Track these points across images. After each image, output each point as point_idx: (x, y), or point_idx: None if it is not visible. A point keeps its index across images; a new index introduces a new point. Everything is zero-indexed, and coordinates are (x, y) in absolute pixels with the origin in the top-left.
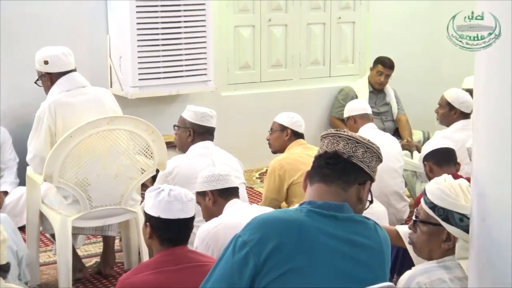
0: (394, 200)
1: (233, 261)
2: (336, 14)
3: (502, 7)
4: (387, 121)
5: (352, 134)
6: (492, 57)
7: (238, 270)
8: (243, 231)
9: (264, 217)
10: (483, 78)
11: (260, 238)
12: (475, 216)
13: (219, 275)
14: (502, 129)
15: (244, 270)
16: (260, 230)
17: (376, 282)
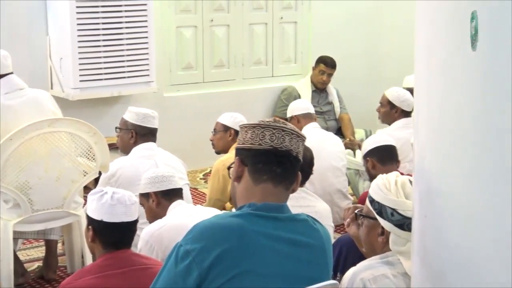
0: (338, 198)
1: (176, 271)
2: (278, 14)
3: (441, 7)
4: (329, 120)
5: (292, 127)
6: (432, 56)
7: (182, 280)
8: (184, 240)
9: (205, 225)
10: (423, 76)
11: (202, 247)
12: (417, 212)
13: (162, 285)
14: (442, 127)
15: (188, 280)
16: (202, 238)
17: (321, 280)
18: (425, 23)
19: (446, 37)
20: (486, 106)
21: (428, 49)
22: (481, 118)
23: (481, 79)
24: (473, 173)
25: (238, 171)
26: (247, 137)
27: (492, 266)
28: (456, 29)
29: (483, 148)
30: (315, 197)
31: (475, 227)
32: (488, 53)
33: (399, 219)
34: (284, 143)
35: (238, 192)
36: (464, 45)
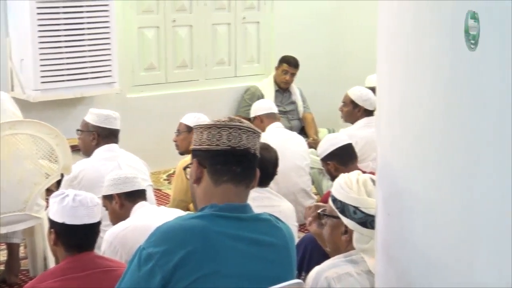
0: (302, 198)
1: (139, 275)
2: (241, 14)
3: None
4: (293, 120)
5: (248, 124)
6: (394, 55)
7: (145, 283)
8: (147, 243)
9: (167, 227)
10: (385, 75)
11: (165, 250)
12: (380, 211)
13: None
14: (405, 125)
15: (151, 283)
16: (164, 241)
17: (285, 279)
18: (387, 22)
19: (408, 37)
20: (448, 104)
21: (390, 49)
22: (444, 117)
23: (443, 78)
24: (436, 171)
25: (197, 173)
26: (203, 138)
27: (455, 263)
28: (418, 28)
29: (446, 146)
30: (279, 196)
31: (438, 225)
32: (450, 51)
33: (361, 217)
34: (241, 141)
35: (198, 194)
36: (425, 43)
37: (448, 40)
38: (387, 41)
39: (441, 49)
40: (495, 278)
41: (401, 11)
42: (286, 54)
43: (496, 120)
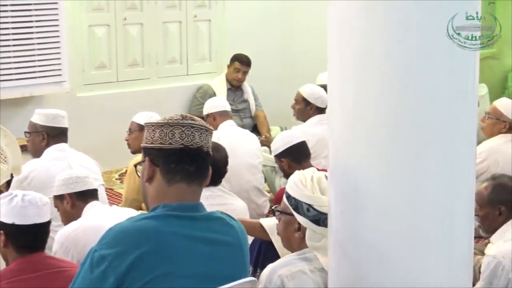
0: (255, 195)
1: (92, 277)
2: (192, 13)
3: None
4: (245, 118)
5: (200, 122)
6: (344, 53)
7: (98, 285)
8: (99, 245)
9: (119, 229)
10: (336, 74)
11: (117, 252)
12: (333, 209)
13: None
14: (356, 124)
15: (104, 285)
16: (117, 243)
17: (239, 277)
18: (337, 21)
19: (358, 35)
20: (399, 103)
21: (341, 47)
22: (394, 116)
23: (394, 76)
24: (387, 170)
25: (149, 172)
26: (155, 136)
27: (406, 259)
28: (369, 27)
29: (397, 145)
30: (232, 195)
31: (389, 222)
32: (400, 50)
33: (314, 214)
34: (194, 140)
35: (151, 193)
36: (376, 42)
37: (399, 39)
38: (337, 40)
39: (392, 47)
40: (443, 272)
41: (351, 10)
42: (238, 52)
43: (445, 120)
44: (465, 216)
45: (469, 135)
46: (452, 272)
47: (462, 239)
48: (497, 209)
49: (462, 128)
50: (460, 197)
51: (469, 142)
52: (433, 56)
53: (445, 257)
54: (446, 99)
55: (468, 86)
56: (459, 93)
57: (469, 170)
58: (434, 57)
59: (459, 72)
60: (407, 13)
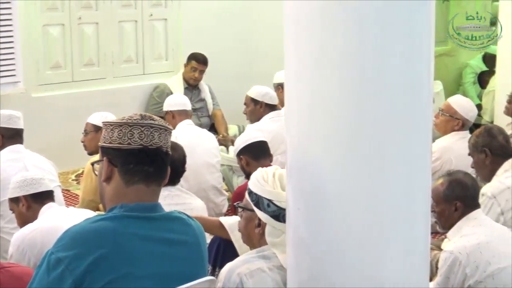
0: (213, 194)
1: (49, 280)
2: (148, 11)
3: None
4: (203, 117)
5: (159, 122)
6: (301, 51)
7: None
8: (55, 247)
9: (76, 231)
10: (293, 72)
11: (75, 254)
12: (291, 205)
13: None
14: (314, 121)
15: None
16: (74, 245)
17: (198, 276)
18: (293, 19)
19: (315, 34)
20: (357, 100)
21: (297, 45)
22: (351, 113)
23: (352, 74)
24: (345, 167)
25: (107, 172)
26: (114, 135)
27: (365, 255)
28: (323, 24)
29: (354, 142)
30: (190, 194)
31: (348, 219)
32: (357, 47)
33: (274, 210)
34: (153, 140)
35: (108, 193)
36: (332, 40)
37: (355, 37)
38: (294, 38)
39: (348, 45)
40: (401, 268)
41: (307, 8)
42: (195, 51)
43: (401, 117)
44: (422, 213)
45: (425, 132)
46: (410, 268)
47: (419, 235)
48: (453, 205)
49: (418, 125)
50: (417, 193)
51: (425, 139)
52: (389, 53)
53: (403, 253)
54: (402, 96)
55: (424, 83)
56: (414, 90)
57: (425, 167)
58: (389, 54)
59: (415, 69)
60: (363, 11)
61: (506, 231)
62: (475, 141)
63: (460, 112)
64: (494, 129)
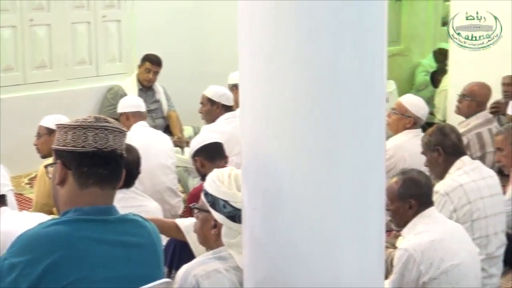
0: (168, 196)
1: (3, 286)
2: (101, 13)
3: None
4: (157, 119)
5: (114, 124)
6: (255, 52)
7: None
8: (9, 253)
9: (30, 236)
10: (247, 73)
11: (28, 260)
12: (246, 205)
13: None
14: (269, 122)
15: None
16: (27, 251)
17: (154, 278)
18: (247, 19)
19: (269, 35)
20: (311, 101)
21: (251, 45)
22: (305, 114)
23: (306, 75)
24: (300, 167)
25: (61, 175)
26: (67, 138)
27: (320, 254)
28: (277, 25)
29: (309, 143)
30: (145, 196)
31: (303, 219)
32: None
33: (230, 210)
34: (108, 143)
35: (62, 196)
36: (286, 40)
37: (309, 37)
38: (248, 38)
39: (302, 46)
40: (356, 267)
41: (261, 9)
42: (149, 52)
43: (355, 116)
44: (376, 211)
45: (379, 131)
46: (365, 266)
47: (374, 233)
48: (407, 203)
49: (372, 124)
50: (371, 192)
51: (378, 138)
52: (342, 53)
53: (358, 252)
54: (356, 95)
55: (376, 83)
56: (368, 89)
57: (379, 165)
58: (342, 54)
59: (368, 69)
60: (316, 11)
61: (459, 228)
62: (428, 140)
63: (412, 110)
64: (446, 128)
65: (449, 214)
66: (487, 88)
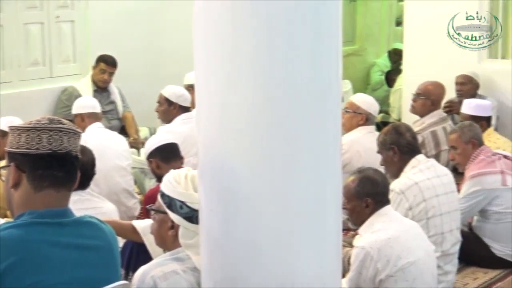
0: (124, 198)
1: None
2: (54, 13)
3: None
4: (113, 120)
5: (68, 125)
6: (210, 52)
7: None
8: None
9: None
10: (203, 73)
11: None
12: (203, 206)
13: None
14: (225, 122)
15: None
16: None
17: (111, 281)
18: (203, 20)
19: (224, 35)
20: (267, 102)
21: (207, 46)
22: (262, 113)
23: (262, 75)
24: (257, 167)
25: (15, 178)
26: (21, 140)
27: (277, 256)
28: (233, 25)
29: (266, 142)
30: (101, 198)
31: (260, 219)
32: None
33: (187, 211)
34: (63, 144)
35: (16, 200)
36: (242, 41)
37: (265, 37)
38: (203, 39)
39: (258, 46)
40: (314, 266)
41: (216, 9)
42: (103, 53)
43: (311, 116)
44: (333, 210)
45: (335, 131)
46: (322, 265)
47: (331, 232)
48: (364, 201)
49: (328, 124)
50: (328, 191)
51: (334, 137)
52: (298, 54)
53: (315, 251)
54: (311, 95)
55: (332, 82)
56: (323, 89)
57: (335, 165)
58: (298, 54)
59: (323, 69)
60: (271, 12)
61: (415, 225)
62: (384, 139)
63: (363, 107)
64: (401, 127)
65: (404, 212)
66: (441, 87)
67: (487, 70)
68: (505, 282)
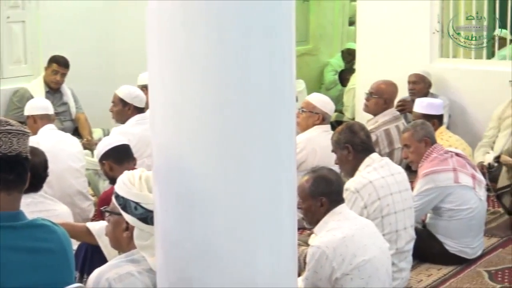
0: (79, 200)
1: None
2: (5, 13)
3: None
4: (66, 121)
5: (17, 126)
6: (164, 53)
7: None
8: None
9: None
10: (157, 74)
11: None
12: (158, 207)
13: None
14: (179, 123)
15: None
16: None
17: (65, 284)
18: (155, 20)
19: (177, 34)
20: (220, 102)
21: (160, 46)
22: (216, 114)
23: (214, 76)
24: (212, 168)
25: None
26: None
27: (232, 257)
28: (185, 25)
29: (220, 143)
30: (55, 200)
31: (216, 220)
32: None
33: (142, 212)
34: (12, 146)
35: None
36: (195, 40)
37: (218, 37)
38: (156, 39)
39: (211, 46)
40: (269, 266)
41: (169, 9)
42: (55, 53)
43: (265, 116)
44: (288, 210)
45: (289, 130)
46: (278, 264)
47: (286, 232)
48: (318, 200)
49: (282, 123)
50: (283, 191)
51: (289, 137)
52: (251, 53)
53: (271, 250)
54: (265, 95)
55: (286, 82)
56: (277, 89)
57: (290, 165)
58: (251, 54)
59: (277, 68)
60: (224, 12)
61: (369, 224)
62: (338, 137)
63: (319, 106)
64: (355, 126)
65: (359, 211)
66: (393, 86)
67: (439, 69)
68: (458, 278)
